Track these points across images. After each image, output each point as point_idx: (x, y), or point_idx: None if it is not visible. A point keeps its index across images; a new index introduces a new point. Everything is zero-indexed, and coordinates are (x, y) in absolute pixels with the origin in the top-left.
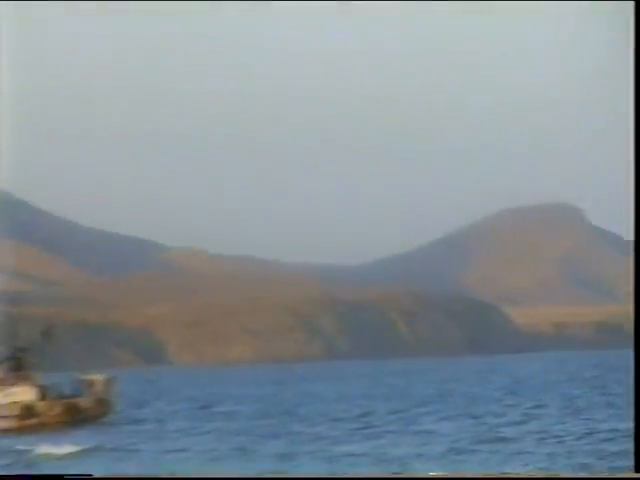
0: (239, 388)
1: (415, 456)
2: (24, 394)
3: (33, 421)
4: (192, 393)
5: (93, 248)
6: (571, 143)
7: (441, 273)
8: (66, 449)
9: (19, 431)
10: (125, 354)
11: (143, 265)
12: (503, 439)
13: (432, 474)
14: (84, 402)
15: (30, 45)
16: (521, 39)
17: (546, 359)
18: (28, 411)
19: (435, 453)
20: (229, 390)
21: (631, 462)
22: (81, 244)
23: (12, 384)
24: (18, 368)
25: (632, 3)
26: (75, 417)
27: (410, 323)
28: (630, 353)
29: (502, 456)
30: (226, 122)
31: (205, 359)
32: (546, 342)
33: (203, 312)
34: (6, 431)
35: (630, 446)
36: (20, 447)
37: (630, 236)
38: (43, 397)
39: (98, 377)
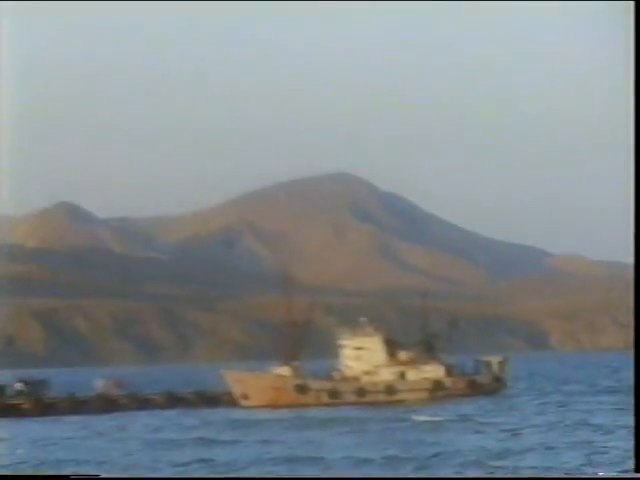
0: (597, 370)
1: None
2: (434, 371)
3: (441, 394)
4: (559, 374)
5: (489, 253)
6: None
7: None
8: (439, 417)
9: (427, 402)
10: (516, 341)
11: (531, 268)
12: None
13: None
14: (482, 379)
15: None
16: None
17: None
18: (437, 385)
19: None
20: (588, 372)
21: None
22: (479, 250)
23: (424, 363)
24: (429, 350)
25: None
26: (475, 391)
27: None
28: None
29: None
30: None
31: (582, 346)
32: None
33: (581, 307)
34: (415, 401)
35: None
36: (400, 415)
37: None
38: (449, 374)
39: (494, 359)
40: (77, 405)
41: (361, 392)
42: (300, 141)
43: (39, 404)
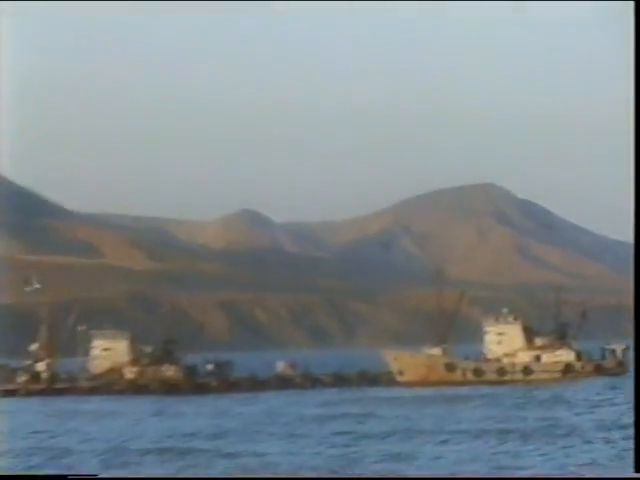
0: None
1: None
2: (566, 356)
3: (571, 376)
4: None
5: (615, 253)
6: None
7: None
8: (563, 395)
9: (558, 382)
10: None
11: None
12: None
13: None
14: (607, 364)
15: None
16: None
17: None
18: (568, 368)
19: None
20: None
21: None
22: (606, 250)
23: (557, 348)
24: (562, 337)
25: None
26: (601, 374)
27: None
28: None
29: None
30: None
31: None
32: None
33: None
34: (548, 381)
35: None
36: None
37: None
38: (579, 359)
39: (618, 346)
40: (257, 384)
41: (501, 372)
42: (450, 155)
43: (225, 383)
